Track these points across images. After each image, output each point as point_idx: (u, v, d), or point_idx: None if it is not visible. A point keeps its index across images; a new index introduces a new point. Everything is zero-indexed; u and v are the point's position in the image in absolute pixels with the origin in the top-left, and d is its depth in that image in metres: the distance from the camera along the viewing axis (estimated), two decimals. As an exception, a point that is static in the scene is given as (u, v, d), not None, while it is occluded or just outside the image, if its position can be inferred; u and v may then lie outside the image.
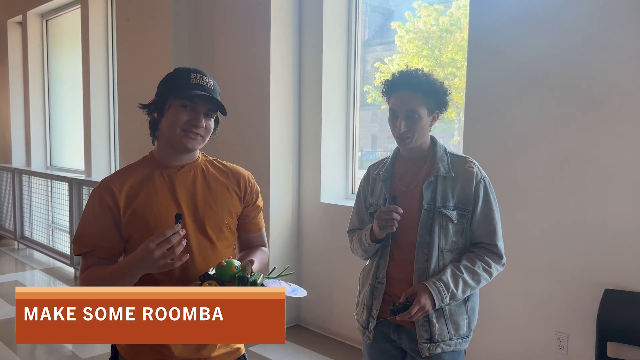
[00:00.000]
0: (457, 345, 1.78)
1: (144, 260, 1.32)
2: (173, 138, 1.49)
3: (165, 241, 1.31)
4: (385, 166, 1.90)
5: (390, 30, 4.07)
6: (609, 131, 2.59)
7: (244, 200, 1.63)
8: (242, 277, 1.40)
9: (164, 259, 1.31)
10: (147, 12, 4.57)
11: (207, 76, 1.52)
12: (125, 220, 1.46)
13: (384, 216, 1.73)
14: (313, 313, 4.09)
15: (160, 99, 1.51)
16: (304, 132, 4.06)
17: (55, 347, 3.82)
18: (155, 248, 1.31)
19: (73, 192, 5.49)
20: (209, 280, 1.40)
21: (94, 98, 5.59)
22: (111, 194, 1.47)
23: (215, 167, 1.62)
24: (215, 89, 1.52)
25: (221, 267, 1.41)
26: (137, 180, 1.50)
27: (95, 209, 1.47)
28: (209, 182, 1.57)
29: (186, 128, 1.47)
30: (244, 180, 1.63)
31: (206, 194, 1.55)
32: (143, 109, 1.55)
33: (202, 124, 1.48)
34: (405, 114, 1.75)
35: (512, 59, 2.88)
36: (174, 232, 1.32)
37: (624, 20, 2.53)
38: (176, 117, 1.47)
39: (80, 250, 1.47)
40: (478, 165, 1.83)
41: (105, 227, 1.46)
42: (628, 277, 2.55)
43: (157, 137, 1.55)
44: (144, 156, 1.59)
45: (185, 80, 1.48)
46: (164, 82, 1.54)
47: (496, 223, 1.79)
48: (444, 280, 1.70)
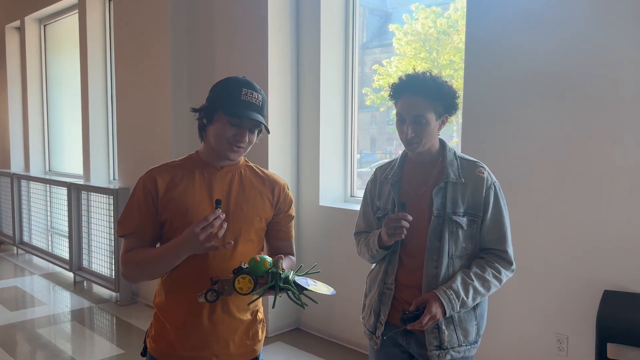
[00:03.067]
0: (466, 352, 1.76)
1: (191, 242, 1.45)
2: (218, 148, 1.60)
3: (209, 225, 1.43)
4: (394, 169, 1.87)
5: (388, 32, 4.07)
6: (608, 131, 2.59)
7: (276, 208, 1.72)
8: (274, 272, 1.47)
9: (209, 242, 1.44)
10: (145, 16, 4.57)
11: (257, 91, 1.59)
12: (162, 207, 1.59)
13: (393, 224, 1.70)
14: (313, 316, 4.09)
15: (210, 106, 1.60)
16: (303, 135, 4.06)
17: (55, 352, 3.81)
18: (200, 232, 1.43)
19: (72, 197, 5.48)
20: (242, 275, 1.46)
21: (92, 103, 5.59)
22: (154, 182, 1.60)
23: (253, 172, 1.72)
24: (263, 103, 1.60)
25: (255, 262, 1.48)
26: (179, 175, 1.63)
27: (140, 194, 1.59)
28: (244, 185, 1.66)
29: (231, 142, 1.58)
30: (279, 189, 1.72)
31: (239, 196, 1.64)
32: (194, 112, 1.65)
33: (246, 139, 1.59)
34: (413, 119, 1.72)
35: (509, 60, 2.89)
36: (215, 216, 1.44)
37: (621, 21, 2.54)
38: (223, 130, 1.57)
39: (124, 232, 1.59)
40: (488, 170, 1.80)
41: (146, 211, 1.58)
42: (628, 278, 2.55)
43: (204, 139, 1.65)
44: (189, 154, 1.70)
45: (237, 95, 1.55)
46: (216, 91, 1.61)
47: (506, 229, 1.77)
48: (455, 289, 1.68)
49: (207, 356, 1.62)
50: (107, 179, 5.72)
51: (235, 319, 1.64)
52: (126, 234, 1.59)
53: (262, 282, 1.48)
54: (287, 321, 4.13)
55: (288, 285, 1.46)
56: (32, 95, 7.03)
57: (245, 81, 1.59)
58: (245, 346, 1.69)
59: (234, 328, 1.64)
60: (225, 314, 1.61)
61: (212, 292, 1.49)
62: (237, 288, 1.46)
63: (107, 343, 4.05)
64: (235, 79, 1.60)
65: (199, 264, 1.58)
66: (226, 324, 1.62)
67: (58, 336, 4.15)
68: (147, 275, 1.59)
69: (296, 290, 1.47)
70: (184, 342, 1.61)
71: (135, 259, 1.56)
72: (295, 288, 1.47)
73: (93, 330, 4.32)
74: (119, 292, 4.88)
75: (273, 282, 1.45)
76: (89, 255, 5.47)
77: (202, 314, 1.59)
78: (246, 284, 1.46)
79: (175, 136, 4.31)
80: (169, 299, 1.63)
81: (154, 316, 1.69)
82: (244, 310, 1.66)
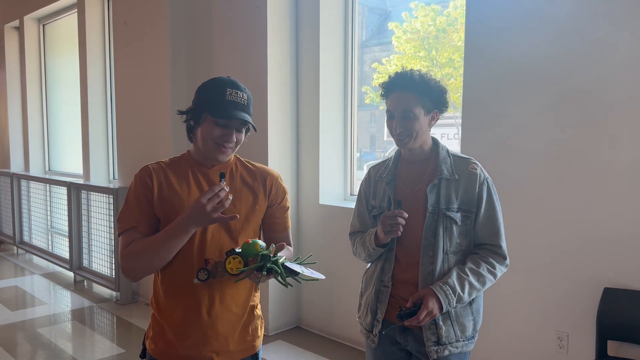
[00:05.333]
0: (463, 347, 1.78)
1: (198, 214, 1.45)
2: (206, 149, 1.60)
3: (215, 196, 1.44)
4: (388, 168, 1.89)
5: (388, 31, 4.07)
6: (607, 130, 2.59)
7: (269, 199, 1.72)
8: (265, 255, 1.47)
9: (216, 212, 1.45)
10: (144, 16, 4.57)
11: (242, 90, 1.60)
12: (157, 201, 1.59)
13: (389, 221, 1.72)
14: (313, 315, 4.09)
15: (196, 108, 1.60)
16: (302, 133, 4.06)
17: (55, 352, 3.81)
18: (206, 202, 1.43)
19: (72, 197, 5.48)
20: (233, 255, 1.49)
21: (91, 102, 5.59)
22: (150, 176, 1.61)
23: (244, 167, 1.73)
24: (248, 102, 1.60)
25: (247, 244, 1.50)
26: (173, 172, 1.64)
27: (138, 188, 1.61)
28: (235, 181, 1.67)
29: (219, 142, 1.58)
30: (271, 180, 1.73)
31: (232, 193, 1.63)
32: (180, 115, 1.65)
33: (233, 139, 1.58)
34: (401, 114, 1.75)
35: (508, 58, 2.89)
36: (220, 188, 1.45)
37: (620, 20, 2.53)
38: (209, 131, 1.57)
39: (125, 227, 1.58)
40: (481, 166, 1.82)
41: (145, 205, 1.59)
42: (628, 276, 2.55)
43: (193, 140, 1.67)
44: (183, 153, 1.72)
45: (221, 96, 1.55)
46: (201, 93, 1.61)
47: (499, 224, 1.79)
48: (450, 284, 1.70)
49: (207, 353, 1.62)
50: (106, 178, 5.72)
51: (233, 314, 1.64)
52: (127, 229, 1.58)
53: (253, 264, 1.49)
54: (288, 320, 4.13)
55: (274, 266, 1.47)
56: (32, 95, 7.03)
57: (229, 81, 1.59)
58: (245, 342, 1.69)
59: (233, 323, 1.65)
60: (223, 309, 1.62)
61: (203, 271, 1.54)
62: (228, 268, 1.48)
63: (108, 342, 4.05)
64: (220, 79, 1.61)
65: (195, 262, 1.58)
66: (225, 319, 1.63)
67: (58, 336, 4.15)
68: (151, 263, 1.55)
69: (283, 271, 1.47)
70: (184, 340, 1.61)
71: (137, 248, 1.54)
72: (282, 270, 1.48)
73: (93, 330, 4.33)
74: (119, 292, 4.88)
75: (261, 263, 1.46)
76: (89, 255, 5.47)
77: (201, 309, 1.59)
78: (236, 264, 1.48)
79: (174, 135, 4.30)
80: (166, 299, 1.63)
81: (152, 317, 1.69)
82: (240, 304, 1.66)
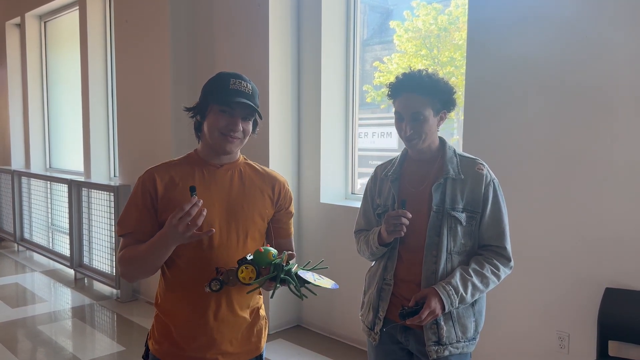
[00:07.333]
0: (464, 348, 1.77)
1: (172, 234, 1.43)
2: (213, 141, 1.59)
3: (186, 214, 1.40)
4: (394, 167, 1.89)
5: (389, 29, 4.06)
6: (609, 130, 2.59)
7: (276, 205, 1.71)
8: (277, 264, 1.47)
9: (189, 231, 1.42)
10: (145, 13, 4.56)
11: (247, 81, 1.60)
12: (161, 206, 1.58)
13: (393, 220, 1.71)
14: (314, 313, 4.09)
15: (202, 103, 1.61)
16: (303, 132, 4.05)
17: (56, 349, 3.81)
18: (177, 223, 1.41)
19: (72, 194, 5.48)
20: (245, 264, 1.47)
21: (92, 99, 5.59)
22: (153, 181, 1.59)
23: (253, 169, 1.71)
24: (254, 93, 1.60)
25: (259, 253, 1.49)
26: (179, 174, 1.62)
27: (138, 194, 1.59)
28: (244, 183, 1.66)
29: (224, 132, 1.57)
30: (279, 186, 1.72)
31: (240, 194, 1.64)
32: (187, 111, 1.65)
33: (239, 127, 1.57)
34: (411, 117, 1.74)
35: (510, 57, 2.88)
36: (191, 205, 1.41)
37: (622, 19, 2.53)
38: (215, 121, 1.56)
39: (123, 231, 1.59)
40: (488, 167, 1.81)
41: (145, 211, 1.58)
42: (629, 276, 2.55)
43: (200, 137, 1.66)
44: (188, 153, 1.69)
45: (225, 85, 1.56)
46: (206, 87, 1.62)
47: (505, 226, 1.78)
48: (454, 284, 1.69)
49: (213, 355, 1.61)
50: (107, 176, 5.72)
51: (239, 317, 1.64)
52: (124, 233, 1.59)
53: (265, 273, 1.49)
54: (288, 318, 4.13)
55: (288, 277, 1.46)
56: (33, 92, 7.03)
57: (233, 73, 1.60)
58: (249, 344, 1.68)
59: (239, 326, 1.64)
60: (229, 312, 1.61)
61: (215, 282, 1.51)
62: (240, 277, 1.47)
63: (108, 340, 4.06)
64: (224, 72, 1.62)
65: (202, 265, 1.57)
66: (231, 323, 1.62)
67: (59, 333, 4.16)
68: (140, 271, 1.57)
69: (297, 282, 1.47)
70: (191, 342, 1.60)
71: (128, 256, 1.56)
72: (296, 280, 1.48)
73: (94, 327, 4.33)
74: (120, 289, 4.89)
75: (275, 273, 1.46)
76: (89, 252, 5.47)
77: (208, 313, 1.59)
78: (249, 273, 1.47)
79: (175, 132, 4.30)
80: (173, 302, 1.62)
81: (156, 317, 1.68)
82: (246, 307, 1.66)
